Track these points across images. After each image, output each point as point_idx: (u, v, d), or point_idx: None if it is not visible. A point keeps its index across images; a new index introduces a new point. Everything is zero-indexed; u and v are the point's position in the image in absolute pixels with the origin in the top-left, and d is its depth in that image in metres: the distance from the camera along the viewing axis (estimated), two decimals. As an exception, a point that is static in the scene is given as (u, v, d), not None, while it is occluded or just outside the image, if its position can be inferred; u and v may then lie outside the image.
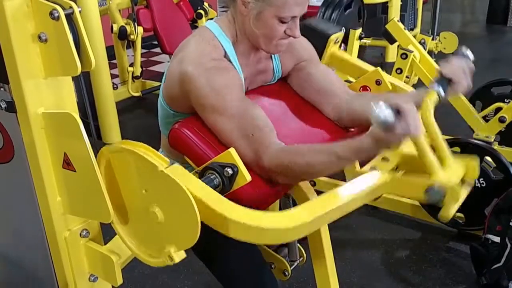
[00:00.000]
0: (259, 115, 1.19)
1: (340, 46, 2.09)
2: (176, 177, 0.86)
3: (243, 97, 1.21)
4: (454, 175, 1.08)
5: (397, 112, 0.97)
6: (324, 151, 1.12)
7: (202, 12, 4.18)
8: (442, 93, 1.17)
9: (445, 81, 1.20)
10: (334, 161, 1.09)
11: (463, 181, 1.10)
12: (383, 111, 0.97)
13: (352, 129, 1.41)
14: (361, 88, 1.55)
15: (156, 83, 4.36)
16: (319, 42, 1.93)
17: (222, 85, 1.17)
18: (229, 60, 1.25)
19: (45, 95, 0.95)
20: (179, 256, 0.92)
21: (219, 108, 1.16)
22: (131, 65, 4.09)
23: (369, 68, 1.74)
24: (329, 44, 1.93)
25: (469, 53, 1.30)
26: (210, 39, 1.24)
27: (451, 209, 1.03)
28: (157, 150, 1.46)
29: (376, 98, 1.38)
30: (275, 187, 1.18)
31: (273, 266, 1.57)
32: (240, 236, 0.89)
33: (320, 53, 1.93)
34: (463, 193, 1.05)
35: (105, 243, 1.11)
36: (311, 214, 0.92)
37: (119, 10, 3.90)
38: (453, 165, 1.11)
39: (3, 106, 0.96)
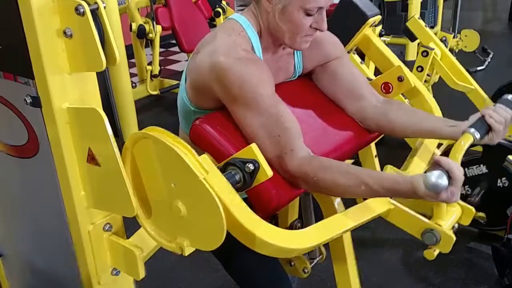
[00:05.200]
0: (288, 116, 1.17)
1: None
2: (212, 188, 0.88)
3: (274, 93, 1.19)
4: (452, 221, 1.15)
5: (448, 175, 0.99)
6: (353, 175, 1.09)
7: (220, 10, 4.19)
8: (478, 138, 1.17)
9: (483, 126, 1.19)
10: (361, 189, 1.08)
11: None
12: (438, 178, 0.98)
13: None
14: (383, 85, 1.53)
15: (174, 82, 4.38)
16: (356, 20, 1.88)
17: (255, 77, 1.15)
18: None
19: (70, 90, 0.96)
20: (189, 250, 0.94)
21: (250, 102, 1.14)
22: (150, 63, 4.11)
23: (396, 60, 1.72)
24: (365, 26, 1.88)
25: None
26: (240, 31, 1.22)
27: (435, 253, 1.12)
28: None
29: (410, 112, 1.37)
30: (296, 187, 1.18)
31: (292, 264, 1.56)
32: (262, 250, 0.98)
33: (353, 33, 1.89)
34: None
35: (127, 238, 1.12)
36: (321, 236, 1.06)
37: (138, 9, 3.93)
38: (454, 208, 1.17)
39: (28, 101, 0.97)
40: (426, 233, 1.12)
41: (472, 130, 1.17)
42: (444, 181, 0.97)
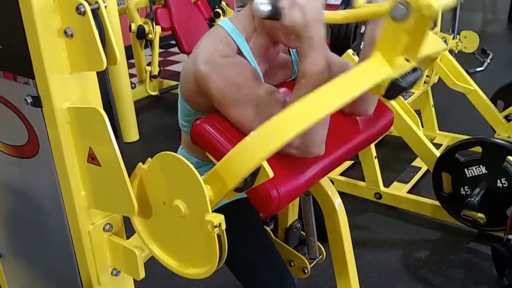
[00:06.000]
0: (276, 92, 1.20)
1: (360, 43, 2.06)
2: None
3: (259, 83, 1.22)
4: None
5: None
6: (294, 89, 1.16)
7: (220, 11, 4.20)
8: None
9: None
10: (303, 83, 1.12)
11: None
12: (261, 2, 1.03)
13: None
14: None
15: (174, 82, 4.39)
16: None
17: (236, 76, 1.18)
18: (243, 56, 1.25)
19: (70, 90, 0.95)
20: (218, 219, 0.87)
21: (237, 99, 1.17)
22: (149, 64, 4.12)
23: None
24: None
25: None
26: (222, 37, 1.24)
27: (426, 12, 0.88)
28: (176, 148, 1.47)
29: None
30: (297, 184, 1.18)
31: (292, 264, 1.56)
32: (236, 174, 0.89)
33: None
34: None
35: (127, 238, 1.12)
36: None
37: (137, 10, 3.93)
38: None
39: (28, 101, 0.97)
40: (392, 10, 0.91)
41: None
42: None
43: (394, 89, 0.98)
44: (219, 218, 0.88)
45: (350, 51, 2.46)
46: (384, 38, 0.96)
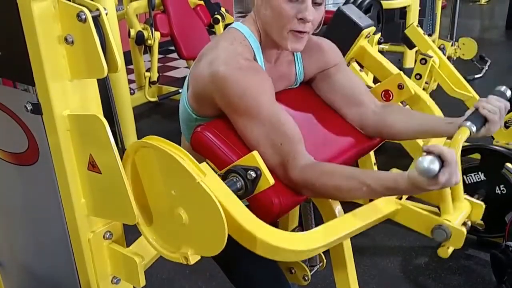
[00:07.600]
0: (289, 124, 1.16)
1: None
2: (211, 190, 0.86)
3: (275, 102, 1.18)
4: (462, 217, 1.14)
5: (440, 159, 0.96)
6: (355, 177, 1.07)
7: (219, 17, 4.19)
8: (474, 130, 1.16)
9: (479, 118, 1.19)
10: (363, 191, 1.06)
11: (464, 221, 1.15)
12: (429, 162, 0.95)
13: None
14: (383, 92, 1.53)
15: (173, 88, 4.38)
16: (350, 32, 1.91)
17: (255, 87, 1.14)
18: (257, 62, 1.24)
19: (70, 97, 0.95)
20: (194, 258, 0.93)
21: (251, 111, 1.13)
22: (148, 70, 4.11)
23: (393, 69, 1.73)
24: (360, 37, 1.90)
25: (508, 93, 1.27)
26: (241, 39, 1.22)
27: (450, 250, 1.12)
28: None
29: (407, 114, 1.37)
30: (298, 195, 1.17)
31: (293, 271, 1.55)
32: (265, 253, 0.96)
33: (349, 44, 1.91)
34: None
35: (127, 245, 1.11)
36: (327, 237, 1.03)
37: (136, 15, 3.92)
38: (463, 204, 1.17)
39: (28, 108, 0.97)
40: (435, 229, 1.12)
41: (468, 123, 1.17)
42: (435, 164, 0.94)
43: None
44: (196, 259, 0.95)
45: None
46: None
